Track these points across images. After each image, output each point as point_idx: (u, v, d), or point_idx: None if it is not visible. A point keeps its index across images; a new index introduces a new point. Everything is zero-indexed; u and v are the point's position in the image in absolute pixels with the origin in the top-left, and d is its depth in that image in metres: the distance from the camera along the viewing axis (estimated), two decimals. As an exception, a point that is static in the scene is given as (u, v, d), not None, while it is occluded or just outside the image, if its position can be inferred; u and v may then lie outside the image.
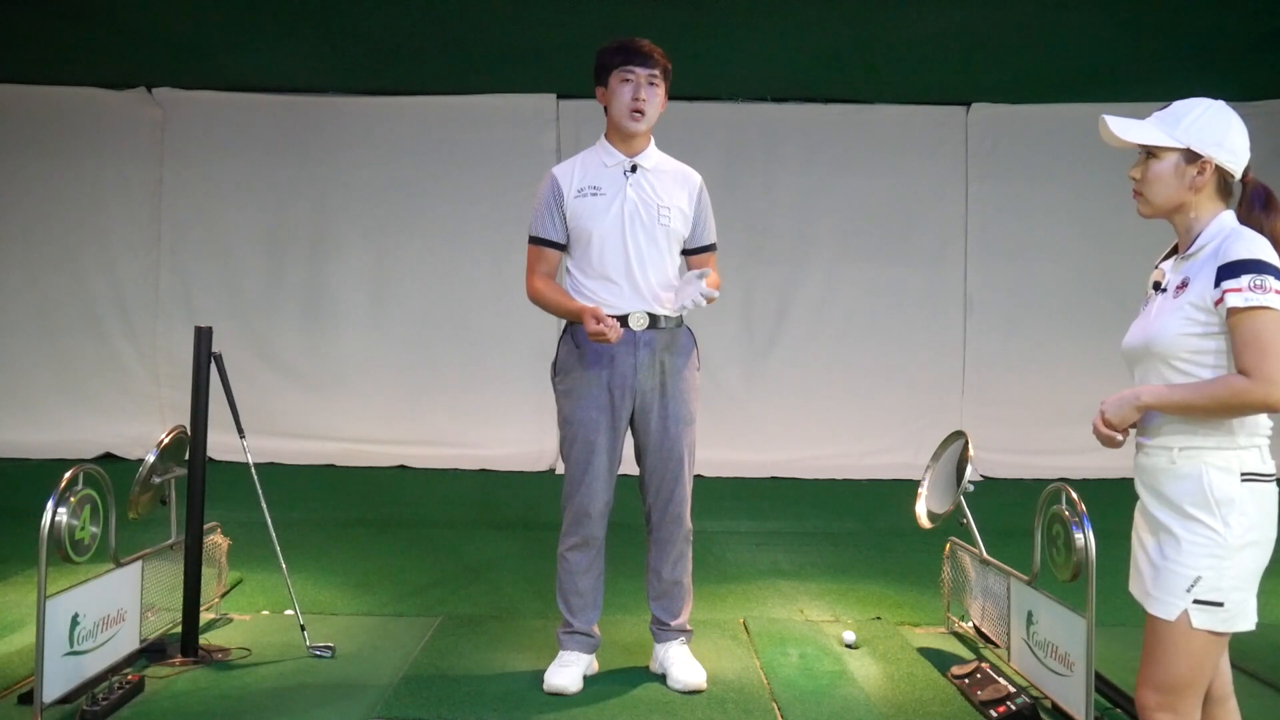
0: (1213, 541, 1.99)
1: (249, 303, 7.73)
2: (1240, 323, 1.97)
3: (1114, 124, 2.14)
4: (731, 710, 3.09)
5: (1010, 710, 3.04)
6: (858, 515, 6.26)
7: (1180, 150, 2.10)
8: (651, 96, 3.22)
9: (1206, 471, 2.01)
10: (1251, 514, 2.00)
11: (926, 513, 3.90)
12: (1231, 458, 2.01)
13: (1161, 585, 2.05)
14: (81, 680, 3.00)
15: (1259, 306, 1.95)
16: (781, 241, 7.74)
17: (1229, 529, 1.99)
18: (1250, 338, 1.96)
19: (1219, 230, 2.07)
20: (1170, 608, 2.03)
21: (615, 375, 3.22)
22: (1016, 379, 7.64)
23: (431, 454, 7.53)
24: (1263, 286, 1.95)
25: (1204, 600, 2.00)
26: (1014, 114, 7.70)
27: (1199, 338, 2.03)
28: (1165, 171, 2.11)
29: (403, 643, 3.68)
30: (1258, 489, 2.01)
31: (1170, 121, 2.12)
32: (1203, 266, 2.05)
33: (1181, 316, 2.05)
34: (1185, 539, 2.02)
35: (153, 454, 3.51)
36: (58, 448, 7.20)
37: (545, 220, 3.29)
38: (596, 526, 3.29)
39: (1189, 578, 2.01)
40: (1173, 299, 2.09)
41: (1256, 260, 1.97)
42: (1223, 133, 2.09)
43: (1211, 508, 2.00)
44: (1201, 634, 2.02)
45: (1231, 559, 1.99)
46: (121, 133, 7.74)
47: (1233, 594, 2.00)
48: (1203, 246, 2.08)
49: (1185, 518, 2.02)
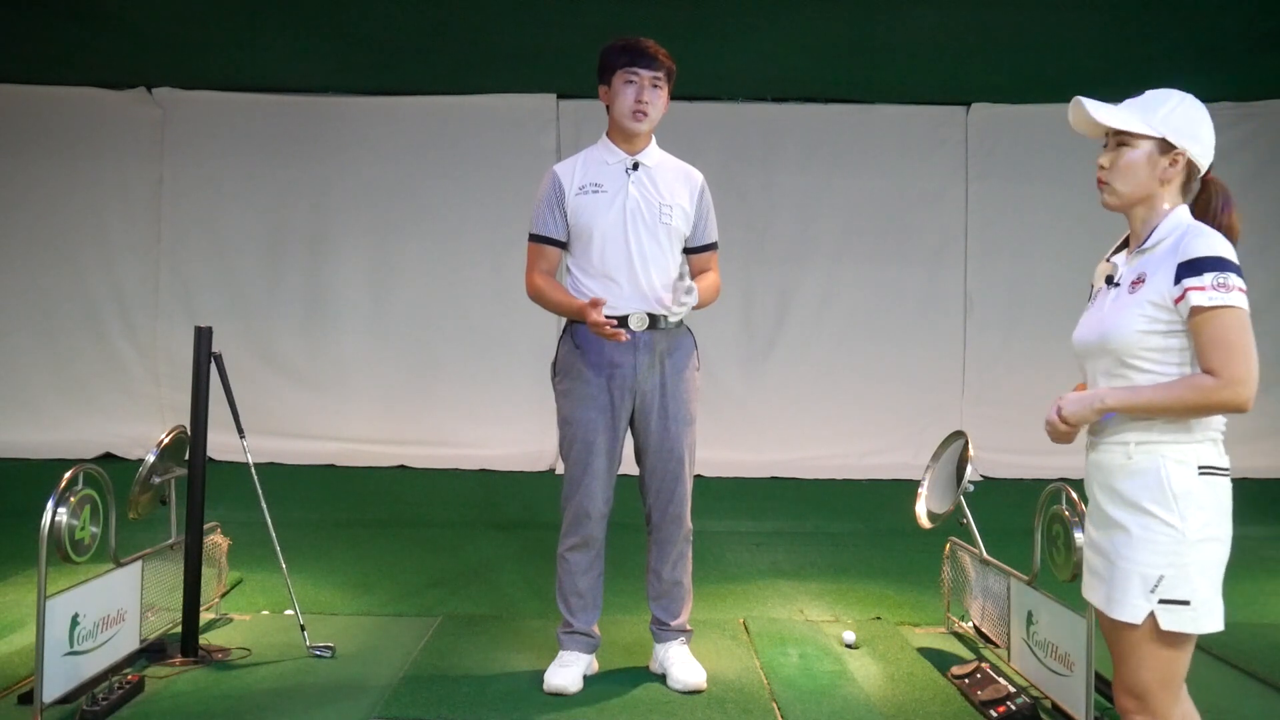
0: (1171, 538, 1.94)
1: (249, 303, 7.72)
2: (1205, 322, 1.91)
3: (1091, 107, 2.06)
4: (731, 710, 3.09)
5: (1010, 710, 3.04)
6: (858, 515, 6.26)
7: (1156, 140, 2.03)
8: (655, 98, 3.21)
9: (1164, 465, 1.96)
10: (1209, 508, 1.95)
11: (926, 513, 3.90)
12: (1188, 451, 1.96)
13: (1122, 588, 1.98)
14: (81, 680, 3.00)
15: (1223, 306, 1.89)
16: (781, 241, 7.72)
17: (1186, 523, 1.93)
18: (1216, 337, 1.90)
19: (1176, 225, 2.01)
20: (1135, 610, 1.96)
21: (616, 376, 3.22)
22: (1016, 379, 7.62)
23: (431, 454, 7.51)
24: (1226, 285, 1.90)
25: (1169, 599, 1.94)
26: (1014, 114, 7.69)
27: (1160, 335, 1.97)
28: (1138, 161, 2.04)
29: (403, 643, 3.68)
30: (1214, 483, 1.96)
31: (1146, 110, 2.05)
32: (1161, 262, 1.98)
33: (1140, 314, 1.99)
34: (1143, 537, 1.96)
35: (153, 454, 3.51)
36: (58, 448, 7.19)
37: (546, 217, 3.28)
38: (596, 527, 3.29)
39: (1151, 577, 1.94)
40: (1129, 294, 2.02)
41: (1219, 258, 1.92)
42: (1197, 126, 2.03)
43: (1169, 502, 1.94)
44: (1171, 635, 1.95)
45: (1191, 554, 1.93)
46: (121, 133, 7.72)
47: (1198, 591, 1.94)
48: (1159, 241, 2.02)
49: (1142, 514, 1.96)
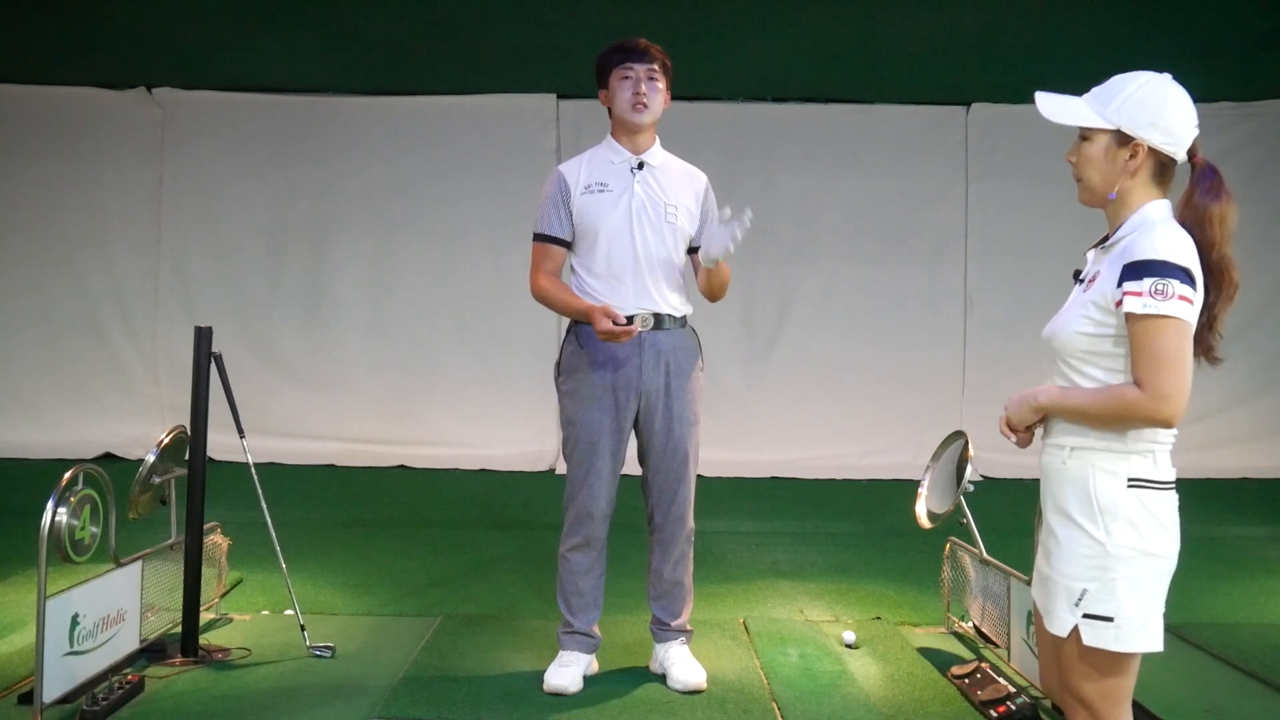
0: (1095, 551, 1.84)
1: (249, 303, 7.73)
2: (1139, 331, 1.79)
3: (1042, 103, 1.93)
4: (731, 710, 3.09)
5: (1010, 710, 3.04)
6: (858, 515, 6.26)
7: (1110, 132, 1.89)
8: (653, 91, 3.20)
9: (1093, 475, 1.86)
10: (1139, 522, 1.83)
11: (926, 513, 3.90)
12: (1119, 461, 1.85)
13: (1051, 597, 1.90)
14: (81, 680, 2.99)
15: (1157, 315, 1.77)
16: (781, 241, 7.73)
17: (1110, 537, 1.83)
18: (1146, 347, 1.79)
19: (1140, 222, 1.88)
20: (1062, 623, 1.88)
21: (620, 376, 3.20)
22: (1016, 379, 7.44)
23: (431, 454, 7.53)
24: (1164, 292, 1.76)
25: (1093, 615, 1.84)
26: (1014, 114, 7.68)
27: (1091, 338, 1.87)
28: (1096, 155, 1.91)
29: (403, 643, 3.68)
30: (1147, 496, 1.84)
31: (1103, 99, 1.90)
32: (1114, 261, 1.86)
33: (1083, 314, 1.89)
34: (1069, 548, 1.87)
35: (153, 454, 3.50)
36: (58, 448, 7.20)
37: (551, 216, 3.27)
38: (598, 527, 3.28)
39: (1075, 590, 1.85)
40: (1083, 293, 1.93)
41: (1161, 262, 1.78)
42: (1156, 111, 1.86)
43: (1094, 514, 1.84)
44: (1098, 652, 1.85)
45: (1117, 570, 1.82)
46: (121, 133, 7.74)
47: (1125, 609, 1.82)
48: (1120, 239, 1.89)
49: (1070, 524, 1.88)
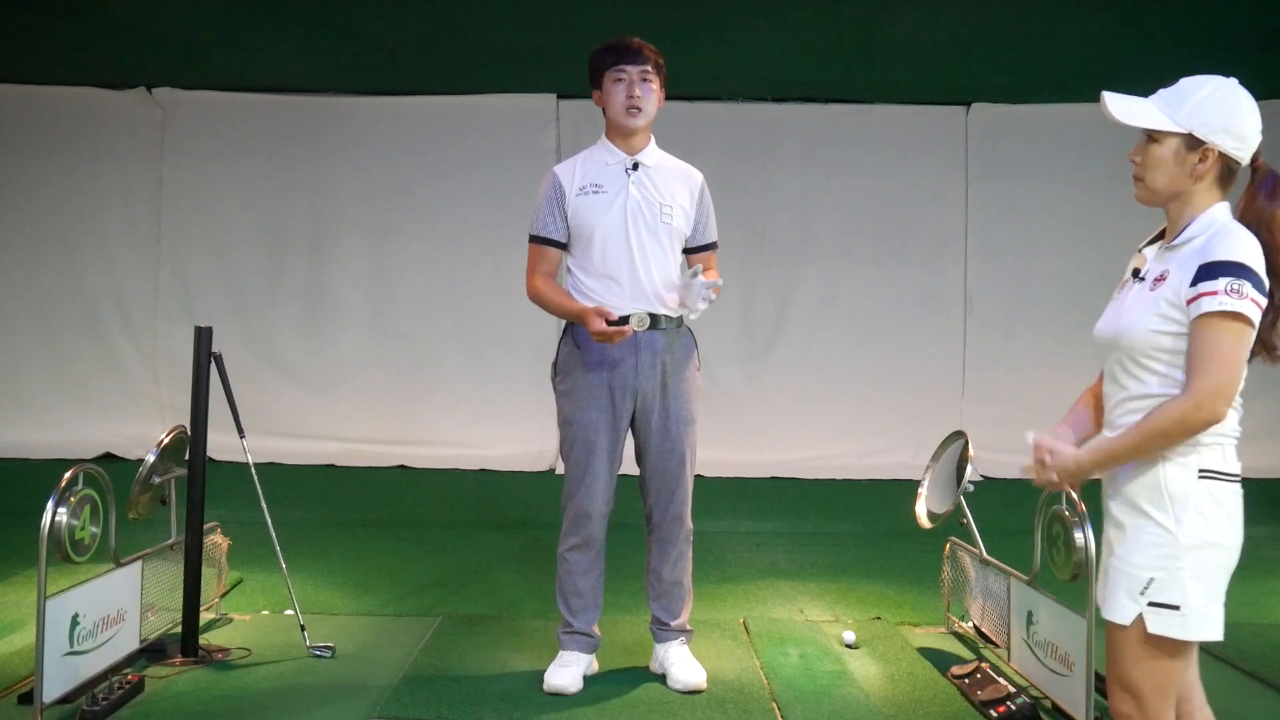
0: (1164, 540, 1.88)
1: (249, 303, 7.72)
2: (1202, 327, 1.83)
3: (1111, 103, 1.95)
4: (731, 710, 3.09)
5: (1010, 710, 3.04)
6: (858, 515, 6.26)
7: (1182, 135, 1.91)
8: (646, 92, 3.20)
9: (1164, 466, 1.89)
10: (1209, 513, 1.88)
11: (926, 513, 3.90)
12: (1190, 452, 1.88)
13: (1114, 587, 1.94)
14: (81, 680, 2.99)
15: (1228, 311, 1.81)
16: (781, 241, 7.73)
17: (1181, 527, 1.87)
18: (1204, 344, 1.82)
19: (1209, 224, 1.90)
20: (1124, 611, 1.91)
21: (616, 376, 3.21)
22: (1016, 379, 7.62)
23: (431, 454, 7.52)
24: (1239, 291, 1.80)
25: (1159, 603, 1.87)
26: (1014, 114, 7.69)
27: (1173, 337, 1.89)
28: (1165, 158, 1.93)
29: (403, 643, 3.68)
30: (1216, 488, 1.88)
31: (1173, 102, 1.93)
32: (1186, 261, 1.88)
33: (1155, 312, 1.90)
34: (1136, 537, 1.91)
35: (153, 454, 3.51)
36: (58, 448, 7.19)
37: (547, 218, 3.27)
38: (597, 527, 3.28)
39: (1141, 579, 1.89)
40: (1149, 291, 1.94)
41: (1239, 264, 1.82)
42: (1229, 116, 1.89)
43: (1165, 504, 1.89)
44: (1160, 640, 1.89)
45: (1185, 559, 1.87)
46: (121, 133, 7.72)
47: (1191, 598, 1.86)
48: (1189, 239, 1.91)
49: (1138, 514, 1.92)
